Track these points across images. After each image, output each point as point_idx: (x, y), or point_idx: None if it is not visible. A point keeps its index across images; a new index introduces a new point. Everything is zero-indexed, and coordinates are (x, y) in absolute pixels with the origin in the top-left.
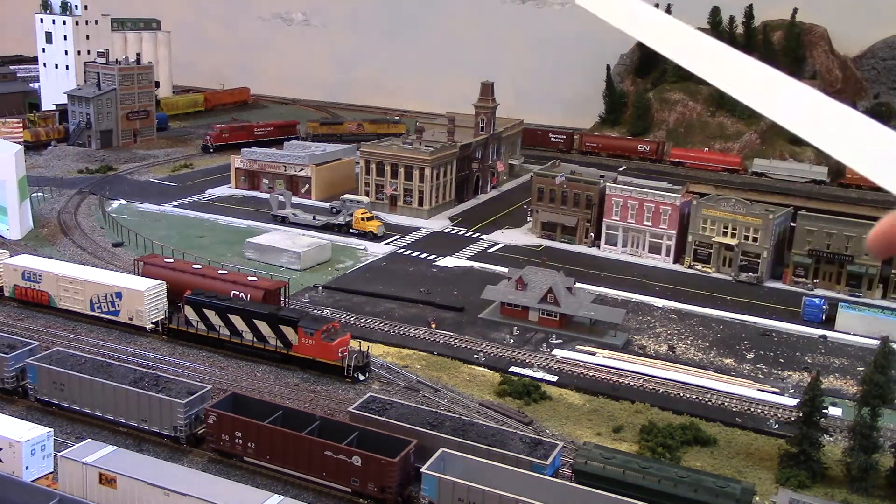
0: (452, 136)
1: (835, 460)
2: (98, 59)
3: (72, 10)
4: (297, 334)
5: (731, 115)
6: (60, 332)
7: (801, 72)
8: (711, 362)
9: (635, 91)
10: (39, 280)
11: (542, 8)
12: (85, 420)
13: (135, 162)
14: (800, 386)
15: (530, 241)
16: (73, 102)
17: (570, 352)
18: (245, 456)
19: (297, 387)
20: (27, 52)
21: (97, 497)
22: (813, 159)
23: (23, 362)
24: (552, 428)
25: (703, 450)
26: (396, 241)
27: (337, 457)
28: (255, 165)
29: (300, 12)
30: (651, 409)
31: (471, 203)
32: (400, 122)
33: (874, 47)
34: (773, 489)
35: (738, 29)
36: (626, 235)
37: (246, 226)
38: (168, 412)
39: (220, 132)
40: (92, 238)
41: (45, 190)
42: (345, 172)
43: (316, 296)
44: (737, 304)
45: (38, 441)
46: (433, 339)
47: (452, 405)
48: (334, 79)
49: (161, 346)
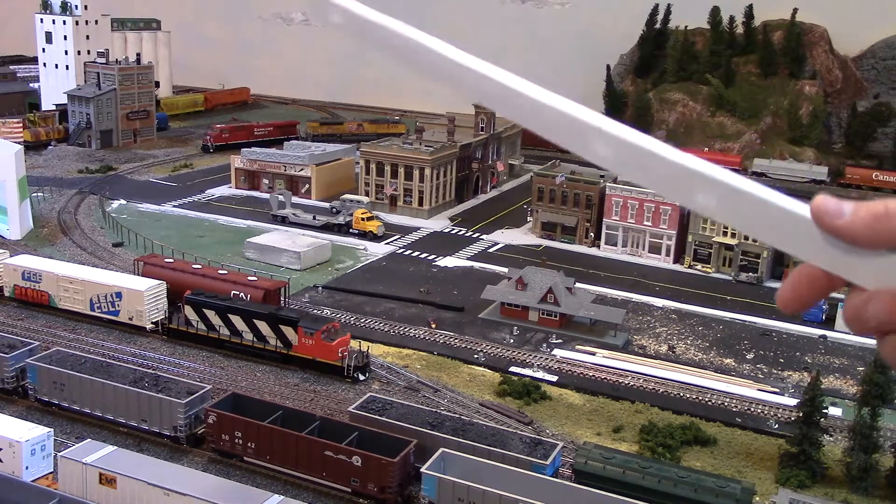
0: (452, 136)
1: (835, 460)
2: (98, 59)
3: (72, 10)
4: (297, 334)
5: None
6: (60, 332)
7: (800, 72)
8: (711, 362)
9: (635, 91)
10: (39, 280)
11: (542, 8)
12: (85, 420)
13: (135, 162)
14: (800, 386)
15: (530, 241)
16: (73, 102)
17: (570, 352)
18: (245, 456)
19: (297, 387)
20: (27, 52)
21: (97, 497)
22: (813, 159)
23: (23, 362)
24: (552, 428)
25: (703, 450)
26: (396, 241)
27: (337, 457)
28: (255, 165)
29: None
30: (651, 409)
31: (471, 203)
32: (400, 122)
33: (874, 47)
34: (773, 489)
35: (738, 29)
36: (626, 235)
37: (246, 226)
38: (168, 412)
39: (220, 132)
40: (92, 238)
41: (45, 190)
42: (345, 172)
43: (316, 296)
44: (737, 304)
45: (38, 441)
46: (433, 339)
47: (452, 405)
48: (334, 79)
49: (161, 346)
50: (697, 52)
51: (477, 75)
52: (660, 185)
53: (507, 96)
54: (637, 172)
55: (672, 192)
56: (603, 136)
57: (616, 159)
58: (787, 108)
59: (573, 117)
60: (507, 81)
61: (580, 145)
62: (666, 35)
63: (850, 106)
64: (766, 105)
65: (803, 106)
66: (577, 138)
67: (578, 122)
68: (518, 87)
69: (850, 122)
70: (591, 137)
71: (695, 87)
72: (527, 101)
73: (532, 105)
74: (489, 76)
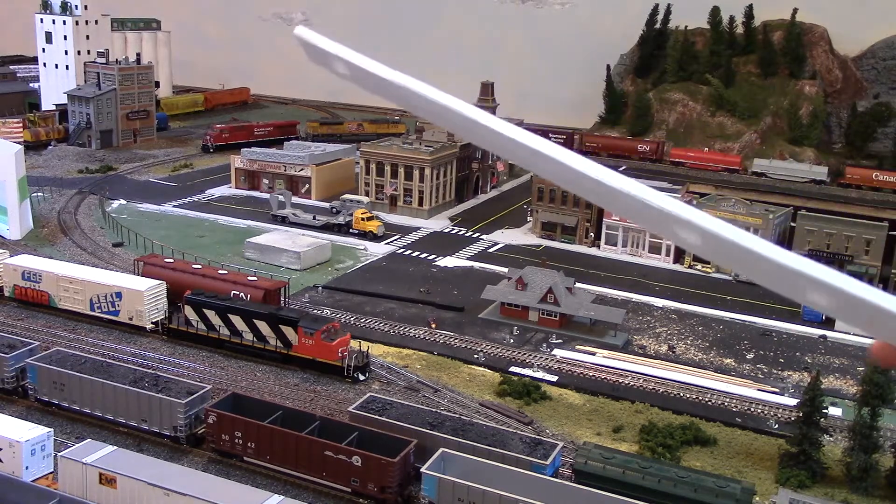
0: (452, 136)
1: (835, 460)
2: (98, 59)
3: (72, 10)
4: (297, 334)
5: (731, 115)
6: (60, 332)
7: (800, 72)
8: (711, 362)
9: (635, 91)
10: (39, 280)
11: (541, 8)
12: (85, 420)
13: (135, 162)
14: (800, 386)
15: (530, 241)
16: (73, 102)
17: (570, 352)
18: (245, 456)
19: (297, 387)
20: (27, 52)
21: (97, 497)
22: (813, 159)
23: (23, 362)
24: (552, 428)
25: (703, 450)
26: (396, 241)
27: (337, 457)
28: (255, 165)
29: (300, 12)
30: (651, 409)
31: (471, 203)
32: (400, 122)
33: (874, 47)
34: (773, 489)
35: (738, 29)
36: (626, 235)
37: (246, 226)
38: (168, 412)
39: (220, 132)
40: (92, 238)
41: (45, 190)
42: (345, 172)
43: (316, 296)
44: (737, 304)
45: (38, 441)
46: (433, 339)
47: (452, 405)
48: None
49: (161, 346)
50: (697, 52)
51: (534, 152)
52: (762, 278)
53: (577, 181)
54: (736, 265)
55: (778, 286)
56: (694, 229)
57: (707, 249)
58: (787, 108)
59: (661, 209)
60: (576, 164)
61: (669, 233)
62: (666, 35)
63: (850, 106)
64: (766, 105)
65: (803, 106)
66: (665, 227)
67: (666, 214)
68: (594, 174)
69: (850, 122)
70: (679, 227)
71: (695, 87)
72: (607, 189)
73: (611, 192)
74: (557, 159)
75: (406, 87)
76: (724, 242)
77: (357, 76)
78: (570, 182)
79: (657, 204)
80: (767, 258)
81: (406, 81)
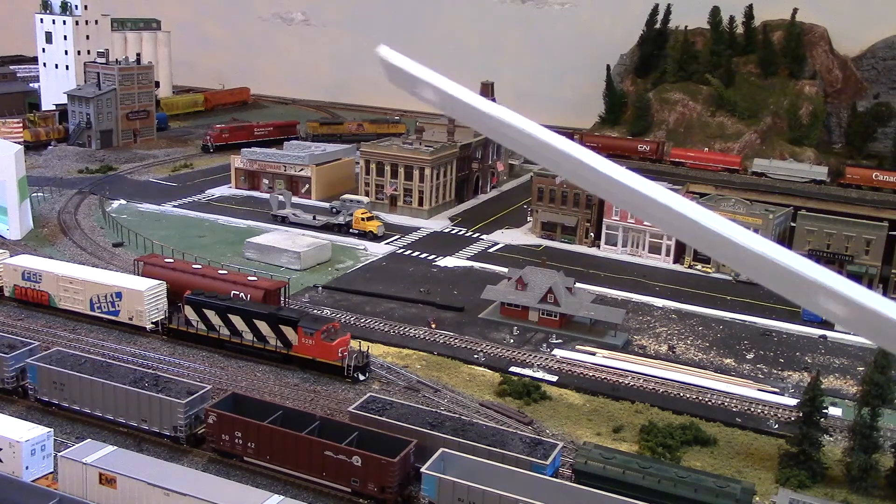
0: (452, 136)
1: (835, 460)
2: (98, 59)
3: (72, 10)
4: (297, 334)
5: (731, 115)
6: (60, 332)
7: (800, 72)
8: (711, 362)
9: (635, 91)
10: (39, 280)
11: (542, 8)
12: (85, 420)
13: (135, 162)
14: (800, 386)
15: (530, 241)
16: (73, 102)
17: (570, 352)
18: (245, 456)
19: (297, 387)
20: (27, 52)
21: (97, 497)
22: (813, 159)
23: (23, 362)
24: (552, 428)
25: (703, 450)
26: (396, 241)
27: (337, 457)
28: (255, 165)
29: (300, 12)
30: (651, 409)
31: (471, 203)
32: (400, 122)
33: (874, 47)
34: (773, 489)
35: (738, 29)
36: (626, 235)
37: (246, 226)
38: (168, 412)
39: (220, 132)
40: (92, 238)
41: (45, 190)
42: (345, 172)
43: (316, 296)
44: (737, 304)
45: (38, 441)
46: (433, 339)
47: (452, 405)
48: (334, 79)
49: (161, 346)
50: (697, 52)
51: (656, 203)
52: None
53: (711, 241)
54: (869, 332)
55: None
56: (830, 294)
57: (845, 317)
58: (787, 108)
59: (799, 274)
60: (712, 224)
61: (804, 299)
62: (666, 35)
63: (850, 106)
64: (766, 105)
65: (803, 106)
66: (801, 293)
67: (804, 280)
68: (731, 235)
69: (850, 122)
70: (816, 294)
71: (695, 87)
72: (744, 253)
73: (748, 256)
74: (687, 216)
75: (500, 118)
76: (856, 306)
77: (446, 103)
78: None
79: (798, 270)
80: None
81: (500, 113)
